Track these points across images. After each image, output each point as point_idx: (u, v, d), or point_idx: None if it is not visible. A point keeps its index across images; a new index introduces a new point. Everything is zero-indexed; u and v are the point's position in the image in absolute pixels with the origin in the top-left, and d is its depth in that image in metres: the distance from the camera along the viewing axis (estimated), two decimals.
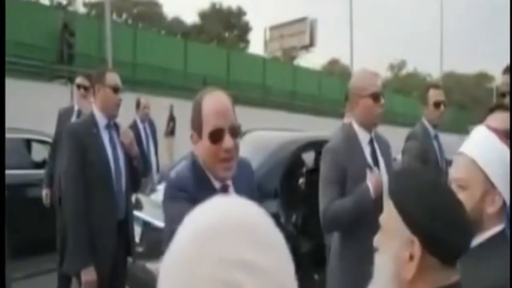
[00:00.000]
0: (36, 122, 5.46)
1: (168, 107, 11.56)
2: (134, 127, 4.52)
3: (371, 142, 2.03)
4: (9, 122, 4.89)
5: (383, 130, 2.40)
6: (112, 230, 2.29)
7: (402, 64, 50.65)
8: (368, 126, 2.02)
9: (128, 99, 5.75)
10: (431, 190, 0.82)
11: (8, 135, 4.85)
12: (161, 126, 6.77)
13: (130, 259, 2.59)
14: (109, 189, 2.29)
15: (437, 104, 2.71)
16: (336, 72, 34.16)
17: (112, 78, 2.43)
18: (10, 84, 9.96)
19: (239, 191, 1.40)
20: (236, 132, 1.33)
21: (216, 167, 1.32)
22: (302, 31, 24.24)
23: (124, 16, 31.84)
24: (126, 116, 5.72)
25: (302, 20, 24.51)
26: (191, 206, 1.20)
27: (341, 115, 3.18)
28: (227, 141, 1.29)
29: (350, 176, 1.93)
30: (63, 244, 3.29)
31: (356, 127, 2.02)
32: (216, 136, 1.29)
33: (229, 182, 1.39)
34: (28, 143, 5.12)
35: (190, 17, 46.09)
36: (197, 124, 1.32)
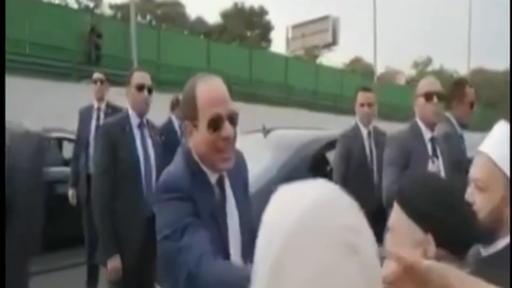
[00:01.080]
0: (67, 121, 5.65)
1: None
2: (169, 123, 4.68)
3: (432, 140, 2.23)
4: (41, 122, 5.08)
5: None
6: (139, 227, 2.31)
7: (428, 61, 49.50)
8: (428, 123, 2.24)
9: (153, 99, 5.83)
10: (437, 188, 0.85)
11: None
12: None
13: None
14: (137, 187, 2.34)
15: (472, 104, 2.68)
16: (359, 70, 33.71)
17: (136, 77, 2.49)
18: (41, 85, 10.29)
19: (234, 184, 1.34)
20: (234, 120, 1.24)
21: (214, 158, 1.23)
22: (324, 29, 24.06)
23: (148, 17, 32.36)
24: (152, 114, 5.84)
25: (324, 18, 24.32)
26: (187, 204, 1.18)
27: None
28: (227, 128, 1.20)
29: (413, 165, 2.13)
30: (91, 238, 3.41)
31: (420, 123, 2.26)
32: (214, 124, 1.20)
33: (224, 175, 1.31)
34: (59, 141, 5.32)
35: (213, 17, 46.71)
36: (191, 113, 1.23)
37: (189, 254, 1.09)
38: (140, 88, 2.46)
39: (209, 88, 1.23)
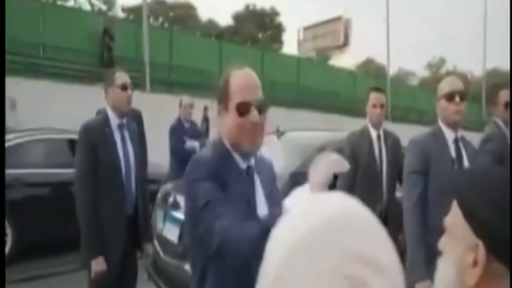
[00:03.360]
0: (80, 123, 5.70)
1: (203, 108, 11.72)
2: (178, 120, 4.76)
3: (456, 141, 2.17)
4: (57, 123, 5.09)
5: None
6: (122, 228, 2.37)
7: (441, 63, 48.88)
8: (450, 125, 2.18)
9: (164, 101, 5.83)
10: (498, 189, 0.73)
11: (53, 136, 5.10)
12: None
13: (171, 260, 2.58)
14: (118, 188, 2.38)
15: (506, 105, 2.63)
16: (372, 72, 33.44)
17: (120, 77, 2.52)
18: (55, 87, 10.35)
19: (264, 180, 1.39)
20: (262, 108, 1.34)
21: (242, 140, 1.32)
22: (336, 30, 23.90)
23: (161, 19, 32.59)
24: (163, 116, 5.85)
25: (336, 19, 24.15)
26: (214, 183, 1.23)
27: None
28: (254, 115, 1.30)
29: (433, 169, 2.08)
30: None
31: (442, 126, 2.21)
32: (242, 109, 1.30)
33: (253, 167, 1.38)
34: (71, 143, 5.34)
35: (224, 19, 46.91)
36: (224, 98, 1.34)
37: (223, 220, 1.15)
38: (124, 87, 2.49)
39: (242, 76, 1.36)
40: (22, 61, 10.21)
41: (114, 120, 2.46)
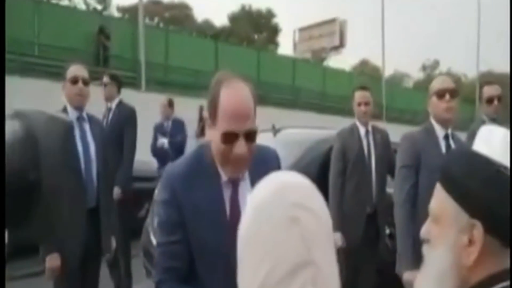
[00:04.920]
0: None
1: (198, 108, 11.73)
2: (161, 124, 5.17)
3: (446, 138, 2.22)
4: None
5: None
6: (81, 220, 2.32)
7: (435, 64, 49.16)
8: (441, 122, 2.23)
9: (160, 100, 5.90)
10: (487, 168, 0.75)
11: None
12: (194, 127, 6.99)
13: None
14: (77, 180, 2.34)
15: (489, 100, 2.76)
16: (367, 73, 33.58)
17: (71, 70, 2.51)
18: (50, 86, 10.34)
19: (257, 177, 1.26)
20: (252, 137, 1.20)
21: (225, 166, 1.24)
22: (331, 32, 23.99)
23: (156, 19, 32.53)
24: (158, 115, 5.87)
25: (332, 21, 24.25)
26: (174, 212, 1.25)
27: (373, 117, 3.25)
28: (240, 146, 1.17)
29: (424, 164, 2.14)
30: None
31: (433, 122, 2.26)
32: (229, 139, 1.17)
33: (241, 176, 1.29)
34: None
35: (220, 20, 46.97)
36: (212, 114, 1.21)
37: (158, 268, 1.29)
38: (74, 81, 2.48)
39: (233, 100, 1.17)
40: (17, 60, 10.17)
41: (72, 114, 2.47)
